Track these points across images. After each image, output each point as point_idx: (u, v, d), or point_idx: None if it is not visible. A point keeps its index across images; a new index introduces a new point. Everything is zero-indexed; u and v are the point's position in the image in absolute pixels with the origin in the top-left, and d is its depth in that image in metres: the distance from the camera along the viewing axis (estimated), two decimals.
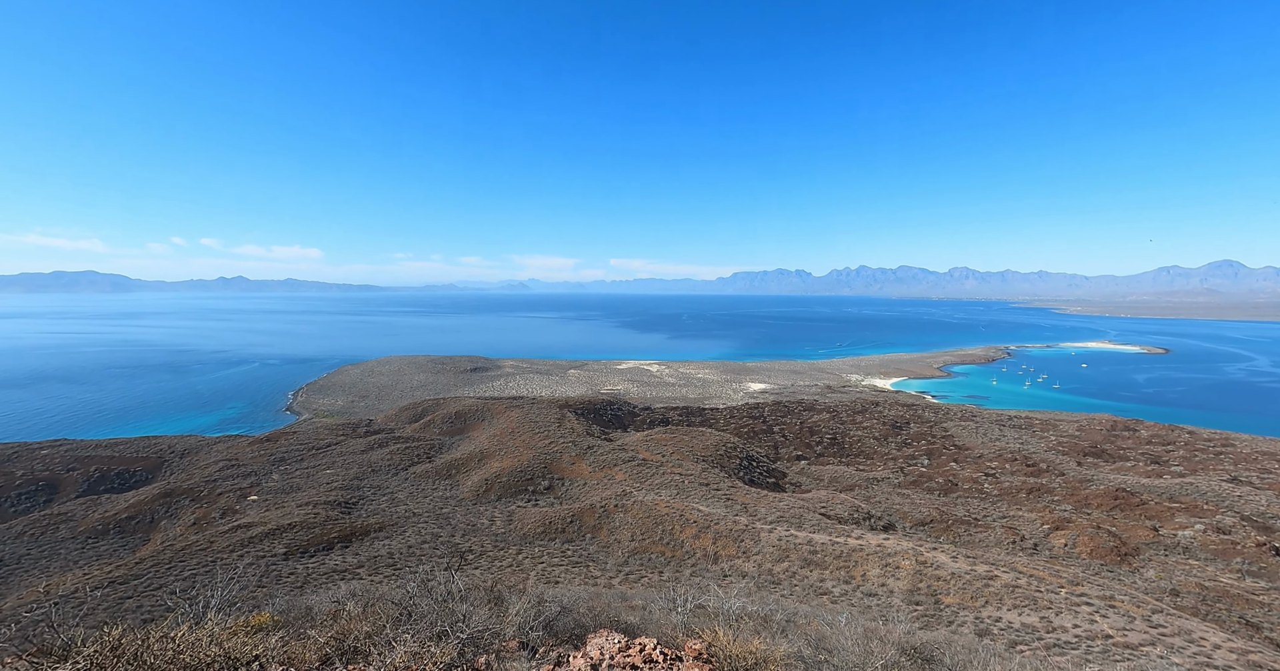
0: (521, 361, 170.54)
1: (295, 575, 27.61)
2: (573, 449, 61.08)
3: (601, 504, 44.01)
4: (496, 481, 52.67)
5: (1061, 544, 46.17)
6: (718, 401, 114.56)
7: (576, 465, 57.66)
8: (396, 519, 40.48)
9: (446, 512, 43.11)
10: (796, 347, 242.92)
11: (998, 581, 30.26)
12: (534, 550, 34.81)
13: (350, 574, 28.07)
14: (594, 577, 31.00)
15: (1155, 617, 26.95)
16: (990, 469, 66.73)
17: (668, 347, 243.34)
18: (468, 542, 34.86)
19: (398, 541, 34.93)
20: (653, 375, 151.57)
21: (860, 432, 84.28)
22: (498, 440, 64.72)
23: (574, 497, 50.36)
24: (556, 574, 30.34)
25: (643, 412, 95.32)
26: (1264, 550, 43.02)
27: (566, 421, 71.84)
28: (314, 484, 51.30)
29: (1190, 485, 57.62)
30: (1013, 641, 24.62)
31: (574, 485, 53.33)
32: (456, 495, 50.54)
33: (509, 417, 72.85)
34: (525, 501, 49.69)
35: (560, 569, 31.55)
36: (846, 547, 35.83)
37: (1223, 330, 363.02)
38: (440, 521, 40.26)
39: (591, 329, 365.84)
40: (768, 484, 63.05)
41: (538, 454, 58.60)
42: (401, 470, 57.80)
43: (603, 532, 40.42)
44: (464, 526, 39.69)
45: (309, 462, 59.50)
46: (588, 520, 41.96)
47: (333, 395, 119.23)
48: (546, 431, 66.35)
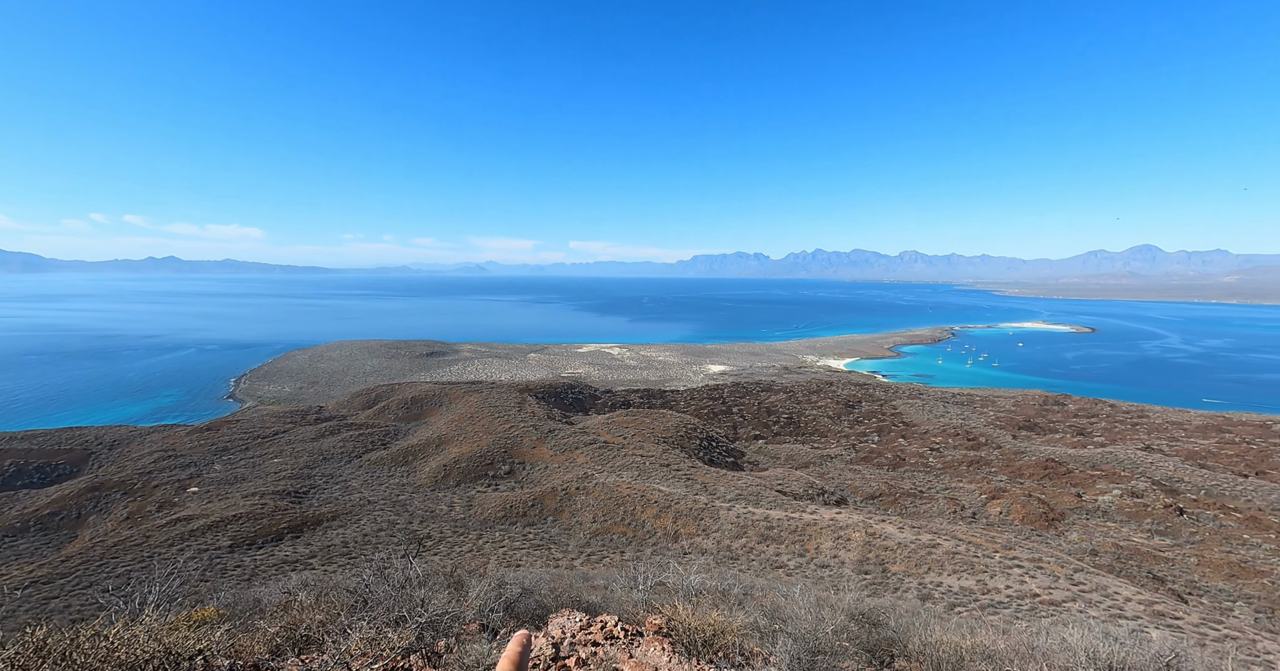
0: (480, 345, 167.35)
1: (242, 568, 26.54)
2: (534, 433, 60.69)
3: (563, 487, 44.06)
4: (456, 467, 51.87)
5: (997, 512, 49.37)
6: (678, 383, 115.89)
7: (538, 449, 57.40)
8: (351, 507, 39.38)
9: (404, 499, 42.25)
10: (755, 330, 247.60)
11: (940, 549, 32.13)
12: (495, 534, 34.62)
13: (302, 564, 27.20)
14: (556, 559, 31.15)
15: (1077, 576, 29.26)
16: (935, 444, 70.38)
17: (629, 331, 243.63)
18: (426, 529, 34.33)
19: (352, 530, 34.03)
20: (614, 358, 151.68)
21: (815, 412, 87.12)
22: (456, 425, 63.60)
23: (535, 481, 50.22)
24: (518, 557, 30.32)
25: (604, 396, 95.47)
26: (1170, 511, 47.26)
27: (527, 405, 71.20)
28: (261, 473, 49.20)
29: (1110, 454, 62.45)
30: (952, 604, 26.27)
31: (535, 469, 53.13)
32: (414, 481, 49.54)
33: (468, 402, 71.60)
34: (485, 486, 49.22)
35: (522, 552, 31.53)
36: (801, 522, 37.22)
37: (1142, 310, 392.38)
38: (397, 508, 39.43)
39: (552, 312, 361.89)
40: (727, 463, 64.54)
41: (498, 438, 57.95)
42: (355, 457, 56.12)
43: (565, 515, 40.55)
44: (422, 513, 39.03)
45: (255, 452, 56.94)
46: (549, 503, 41.97)
47: (279, 381, 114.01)
48: (506, 416, 65.62)
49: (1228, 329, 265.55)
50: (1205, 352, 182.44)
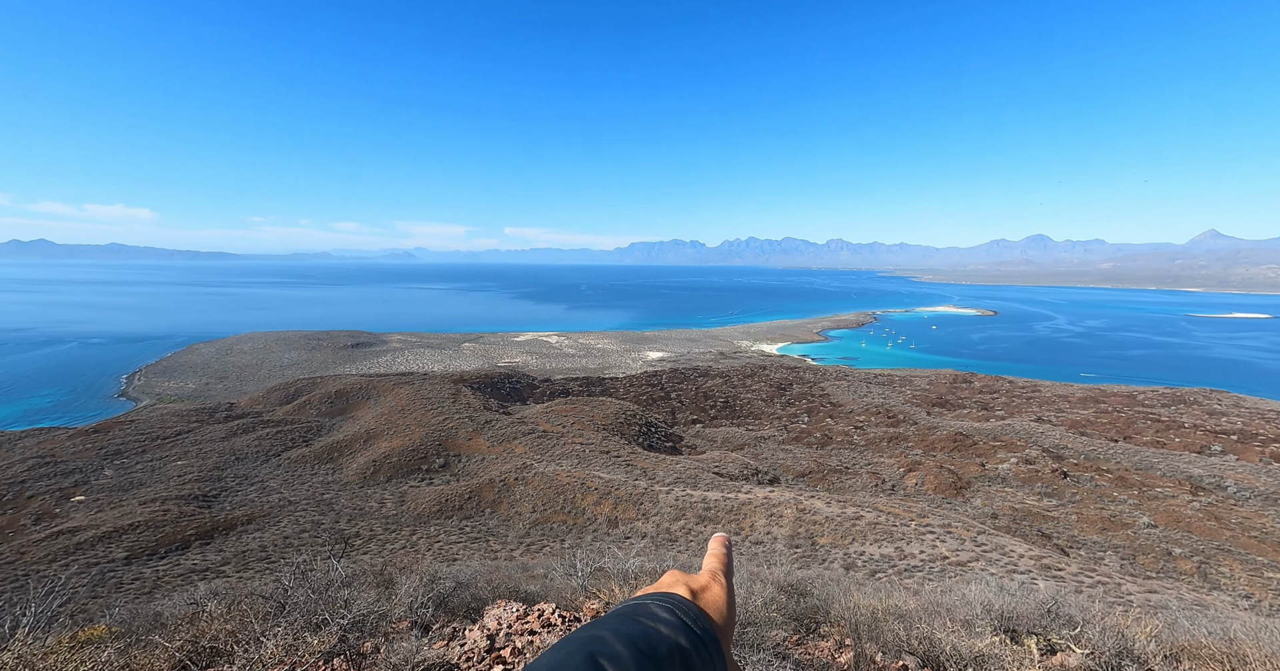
0: (410, 335, 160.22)
1: (141, 580, 24.26)
2: (469, 424, 59.11)
3: (501, 478, 43.31)
4: (386, 462, 49.70)
5: (913, 483, 53.35)
6: (618, 371, 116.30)
7: (474, 440, 56.00)
8: (269, 509, 36.86)
9: (329, 498, 40.04)
10: (692, 316, 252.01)
11: (862, 520, 34.38)
12: (429, 530, 33.57)
13: (214, 573, 25.21)
14: (494, 551, 30.68)
15: (980, 538, 32.23)
16: (859, 422, 74.84)
17: (567, 318, 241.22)
18: (355, 527, 32.75)
19: (271, 533, 31.89)
20: (552, 346, 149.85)
21: (750, 395, 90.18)
22: (386, 419, 60.82)
23: (472, 473, 49.03)
24: (454, 551, 29.59)
25: (542, 384, 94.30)
26: (1056, 475, 52.89)
27: (462, 396, 69.14)
28: (162, 478, 44.99)
29: (1009, 426, 68.89)
30: (873, 570, 28.24)
31: (472, 461, 51.85)
32: (340, 479, 47.03)
33: (398, 395, 68.57)
34: (419, 481, 47.52)
35: (458, 546, 30.79)
36: (737, 502, 38.63)
37: (1036, 295, 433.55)
38: (322, 508, 37.33)
39: (487, 300, 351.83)
40: (666, 448, 65.71)
41: (431, 431, 55.98)
42: (273, 456, 52.47)
43: (503, 506, 39.93)
44: (350, 511, 37.17)
45: (154, 454, 51.95)
46: (487, 495, 41.16)
47: (182, 377, 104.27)
48: (440, 407, 63.44)
49: (1104, 310, 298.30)
50: (1086, 332, 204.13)
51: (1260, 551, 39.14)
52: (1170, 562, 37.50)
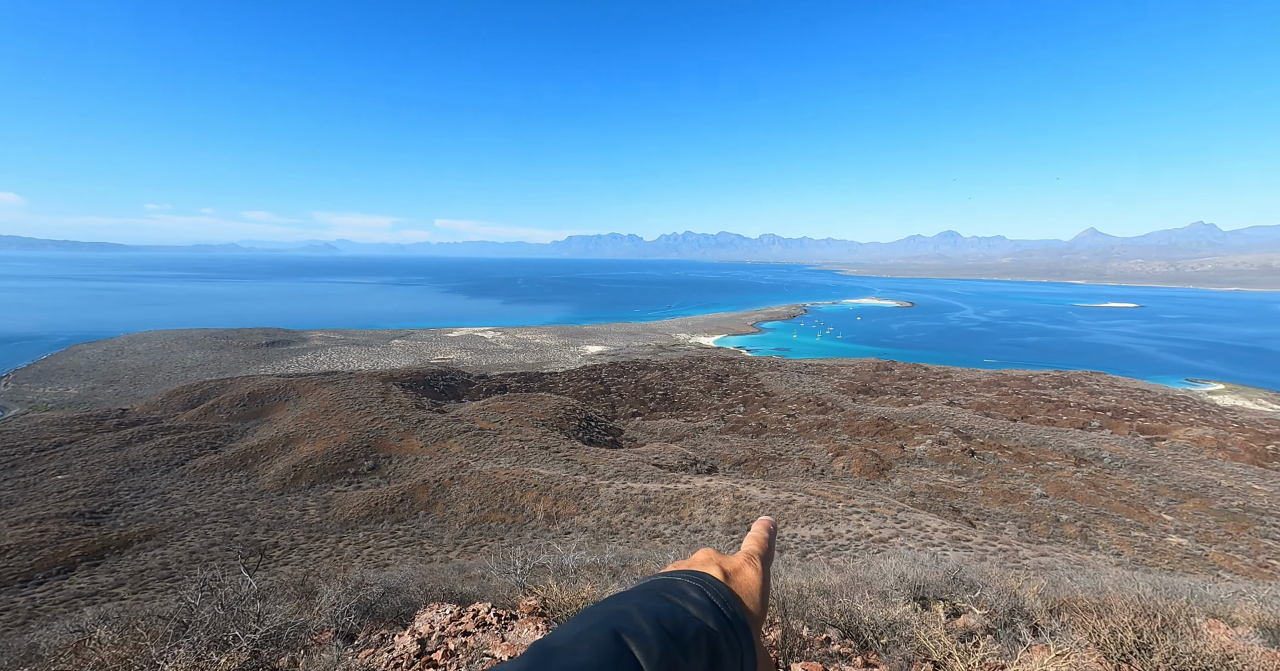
0: (334, 332, 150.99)
1: (14, 610, 21.51)
2: (401, 424, 56.62)
3: (436, 478, 41.85)
4: (309, 466, 46.71)
5: (840, 467, 56.40)
6: (556, 365, 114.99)
7: (406, 441, 53.72)
8: (172, 523, 33.71)
9: (243, 508, 37.14)
10: (631, 310, 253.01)
11: (795, 504, 35.97)
12: (357, 536, 31.94)
13: (105, 596, 22.75)
14: (429, 554, 29.64)
15: (900, 515, 34.57)
16: (791, 410, 78.11)
17: (503, 313, 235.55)
18: (273, 537, 30.58)
19: (174, 549, 29.19)
20: (488, 342, 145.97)
21: (688, 387, 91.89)
22: (308, 421, 57.11)
23: (404, 475, 47.05)
24: (386, 557, 28.32)
25: (478, 381, 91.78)
26: (965, 453, 57.58)
27: (392, 395, 66.06)
28: (38, 494, 40.04)
29: (925, 410, 74.15)
30: (804, 551, 29.65)
31: (404, 462, 49.74)
32: (256, 487, 43.73)
33: (321, 395, 64.54)
34: (346, 485, 45.05)
35: (390, 551, 29.50)
36: (676, 492, 39.35)
37: (947, 287, 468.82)
38: (235, 519, 34.59)
39: (417, 294, 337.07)
40: (606, 441, 65.82)
41: (358, 432, 53.15)
42: (176, 465, 47.99)
43: (438, 507, 38.63)
44: (268, 520, 34.67)
45: (27, 469, 46.14)
46: (421, 496, 39.66)
47: (61, 381, 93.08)
48: (368, 407, 60.33)
49: (1005, 301, 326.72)
50: (989, 321, 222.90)
51: (1129, 513, 44.46)
52: (1058, 528, 41.86)
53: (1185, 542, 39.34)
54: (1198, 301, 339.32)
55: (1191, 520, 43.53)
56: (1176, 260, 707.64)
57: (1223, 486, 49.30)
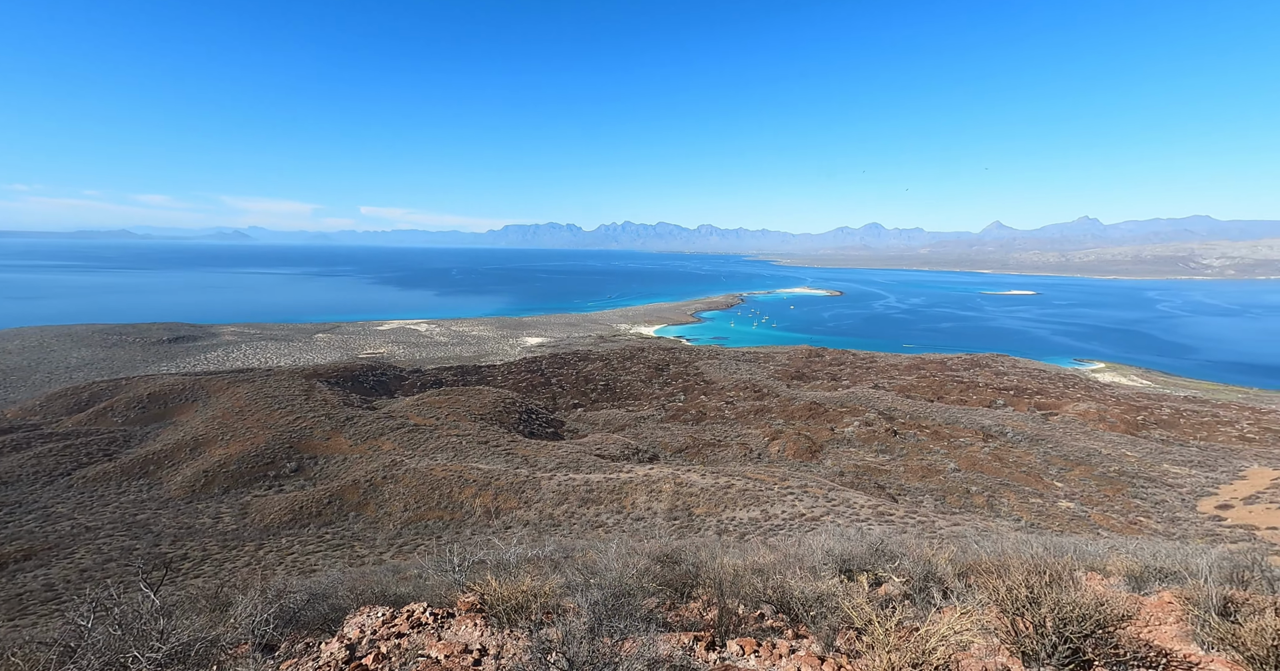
0: (248, 326, 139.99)
1: None
2: (327, 422, 53.53)
3: (367, 478, 39.97)
4: (222, 471, 43.29)
5: (776, 450, 58.72)
6: (495, 358, 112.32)
7: (333, 440, 50.88)
8: (57, 540, 30.29)
9: (144, 519, 33.95)
10: (571, 301, 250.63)
11: (733, 488, 37.13)
12: (280, 542, 30.03)
13: None
14: (361, 557, 28.35)
15: (831, 494, 36.49)
16: (729, 397, 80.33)
17: (437, 305, 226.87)
18: (181, 549, 28.17)
19: (61, 568, 26.27)
20: (422, 335, 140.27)
21: (629, 377, 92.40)
22: (221, 422, 52.84)
23: (332, 476, 44.61)
24: (312, 562, 26.82)
25: (412, 376, 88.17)
26: (889, 434, 61.48)
27: (317, 392, 62.26)
28: None
29: (853, 394, 78.41)
30: (743, 533, 30.72)
31: (331, 462, 47.13)
32: (160, 495, 40.06)
33: (235, 395, 59.82)
34: (265, 489, 42.15)
35: (317, 556, 27.95)
36: (619, 481, 39.62)
37: (872, 276, 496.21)
38: (135, 531, 31.58)
39: (343, 286, 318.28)
40: (547, 434, 65.18)
41: (279, 433, 49.77)
42: (61, 476, 43.09)
43: (370, 508, 36.95)
44: (174, 531, 31.88)
45: None
46: (350, 497, 37.77)
47: None
48: (290, 406, 56.58)
49: (923, 289, 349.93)
50: (910, 309, 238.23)
51: (1027, 482, 49.14)
52: (969, 499, 45.65)
53: (1072, 506, 44.01)
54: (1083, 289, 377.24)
55: (1078, 485, 48.73)
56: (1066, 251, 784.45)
57: (1103, 454, 55.46)
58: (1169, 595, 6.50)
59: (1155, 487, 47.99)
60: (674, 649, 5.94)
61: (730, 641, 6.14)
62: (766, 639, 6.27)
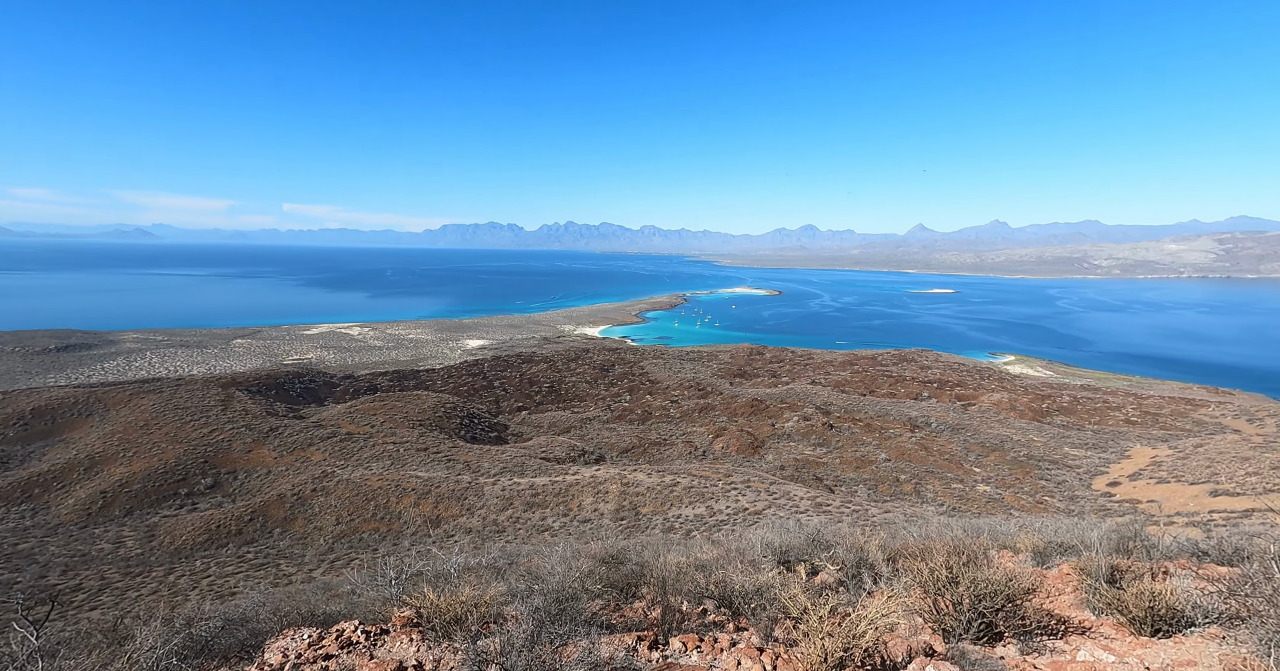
0: (153, 332, 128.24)
1: None
2: (247, 434, 49.85)
3: (294, 491, 37.54)
4: (124, 491, 39.39)
5: (720, 447, 59.96)
6: (434, 362, 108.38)
7: (255, 452, 47.46)
8: None
9: (27, 549, 30.31)
10: (513, 302, 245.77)
11: (679, 486, 37.59)
12: (193, 565, 27.64)
13: None
14: (288, 576, 26.57)
15: (772, 488, 37.63)
16: (674, 396, 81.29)
17: (371, 307, 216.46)
18: (73, 580, 25.32)
19: None
20: (354, 339, 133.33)
21: (574, 378, 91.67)
22: (122, 438, 48.08)
23: (254, 491, 41.59)
24: (232, 585, 24.86)
25: (344, 382, 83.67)
26: (825, 427, 64.16)
27: (236, 402, 57.89)
28: None
29: (792, 390, 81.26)
30: (688, 530, 31.14)
31: (253, 476, 43.93)
32: (47, 521, 35.94)
33: (139, 407, 54.64)
34: (177, 508, 38.73)
35: (238, 577, 25.94)
36: (564, 484, 39.20)
37: (808, 276, 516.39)
38: (16, 563, 28.12)
39: (265, 288, 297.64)
40: (491, 438, 63.62)
41: (191, 447, 45.88)
42: None
43: (297, 523, 34.73)
44: (66, 559, 28.65)
45: None
46: (276, 512, 35.35)
47: None
48: (205, 417, 52.29)
49: (855, 288, 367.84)
50: (843, 307, 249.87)
51: (950, 469, 52.65)
52: (899, 487, 48.38)
53: (989, 489, 47.57)
54: (995, 287, 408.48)
55: (993, 470, 52.73)
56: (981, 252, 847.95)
57: (1014, 440, 60.27)
58: (1067, 567, 7.14)
59: (1058, 469, 52.65)
60: (616, 650, 5.92)
61: (673, 638, 6.19)
62: (709, 634, 6.37)
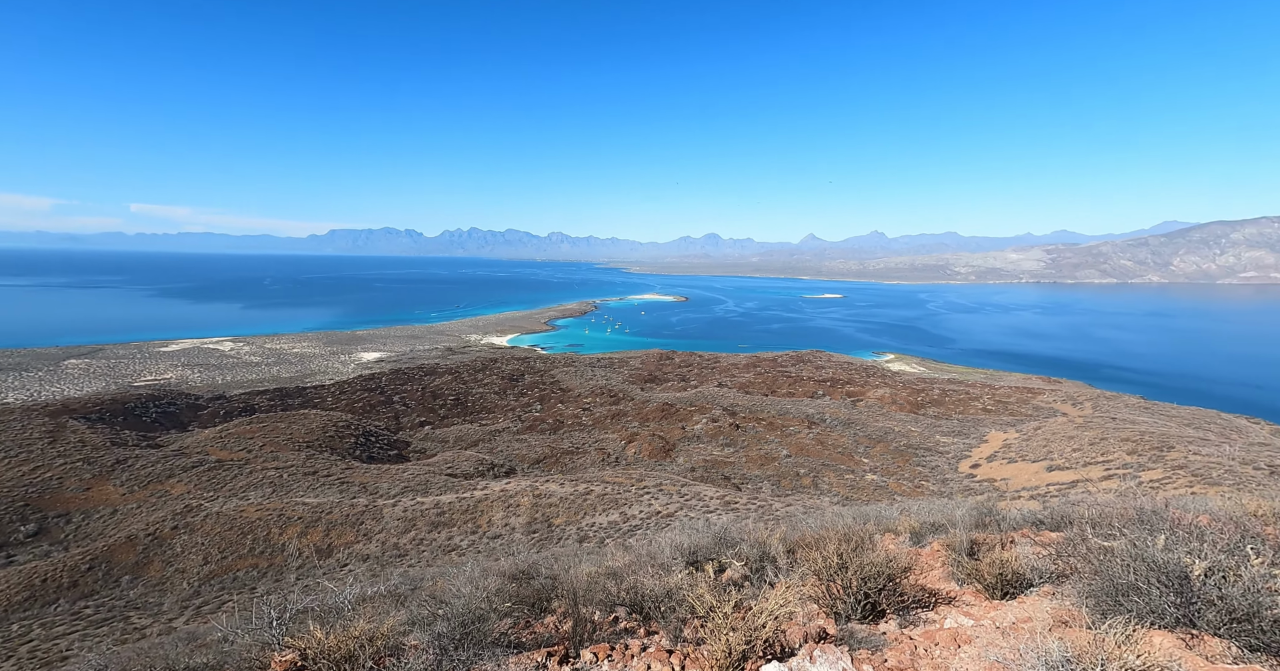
0: None
1: None
2: (86, 469, 42.70)
3: (149, 530, 32.64)
4: None
5: (633, 452, 60.47)
6: (324, 377, 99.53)
7: (96, 489, 40.73)
8: None
9: None
10: (413, 311, 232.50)
11: (593, 494, 37.38)
12: (9, 629, 23.06)
13: None
14: (141, 629, 22.97)
15: (684, 490, 38.54)
16: (586, 404, 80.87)
17: (246, 320, 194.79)
18: None
19: None
20: (225, 355, 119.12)
21: (482, 389, 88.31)
22: None
23: (95, 534, 35.65)
24: (64, 647, 21.00)
25: (213, 404, 74.36)
26: (732, 428, 66.93)
27: (69, 433, 49.42)
28: None
29: (700, 393, 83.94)
30: (602, 538, 31.03)
31: (94, 518, 37.65)
32: None
33: None
34: None
35: (72, 637, 21.98)
36: (472, 500, 37.52)
37: (712, 282, 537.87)
38: None
39: (106, 300, 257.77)
40: (390, 457, 59.52)
41: (6, 491, 38.45)
42: None
43: (154, 567, 30.21)
44: None
45: None
46: (124, 558, 30.50)
47: None
48: (26, 452, 44.09)
49: (756, 294, 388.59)
50: (745, 312, 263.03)
51: (842, 461, 56.97)
52: (799, 480, 51.54)
53: (876, 478, 52.06)
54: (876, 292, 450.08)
55: (879, 460, 57.82)
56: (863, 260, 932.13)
57: (895, 432, 66.51)
58: (937, 544, 8.00)
59: (931, 456, 58.84)
60: (525, 669, 5.76)
61: (584, 650, 6.13)
62: (620, 641, 6.37)
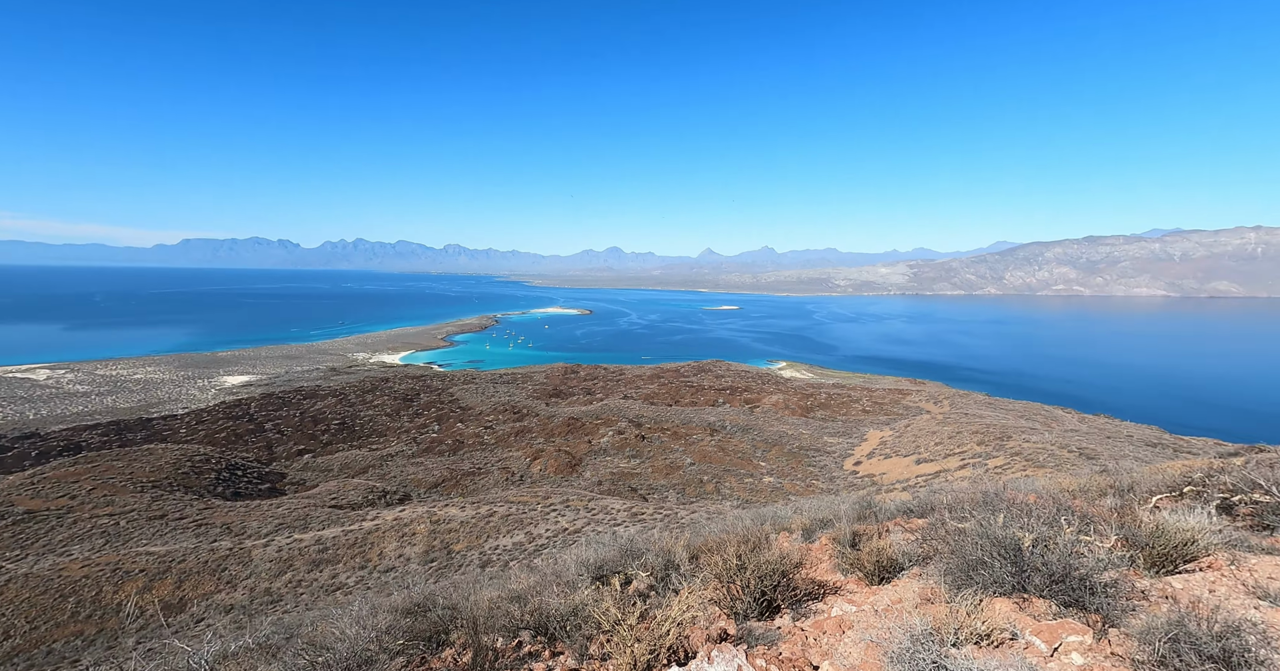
0: None
1: None
2: None
3: None
4: None
5: (538, 469, 58.96)
6: (175, 406, 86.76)
7: None
8: None
9: None
10: (289, 329, 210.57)
11: (496, 516, 35.84)
12: None
13: None
14: None
15: (591, 504, 38.17)
16: (488, 422, 77.72)
17: (70, 343, 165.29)
18: None
19: None
20: (39, 385, 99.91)
21: (372, 411, 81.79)
22: None
23: None
24: None
25: (20, 444, 61.98)
26: (638, 439, 67.64)
27: None
28: None
29: (606, 406, 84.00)
30: (507, 561, 29.81)
31: None
32: None
33: None
34: None
35: None
36: (361, 532, 34.44)
37: (616, 295, 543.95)
38: None
39: None
40: (261, 491, 53.03)
41: None
42: None
43: None
44: None
45: None
46: None
47: None
48: None
49: (658, 306, 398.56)
50: (649, 324, 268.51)
51: (742, 466, 59.66)
52: (703, 487, 53.14)
53: (773, 480, 55.08)
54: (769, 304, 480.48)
55: (775, 463, 61.28)
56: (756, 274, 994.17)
57: (789, 435, 70.97)
58: (825, 538, 8.63)
59: (820, 456, 63.44)
60: None
61: None
62: (524, 666, 6.16)
